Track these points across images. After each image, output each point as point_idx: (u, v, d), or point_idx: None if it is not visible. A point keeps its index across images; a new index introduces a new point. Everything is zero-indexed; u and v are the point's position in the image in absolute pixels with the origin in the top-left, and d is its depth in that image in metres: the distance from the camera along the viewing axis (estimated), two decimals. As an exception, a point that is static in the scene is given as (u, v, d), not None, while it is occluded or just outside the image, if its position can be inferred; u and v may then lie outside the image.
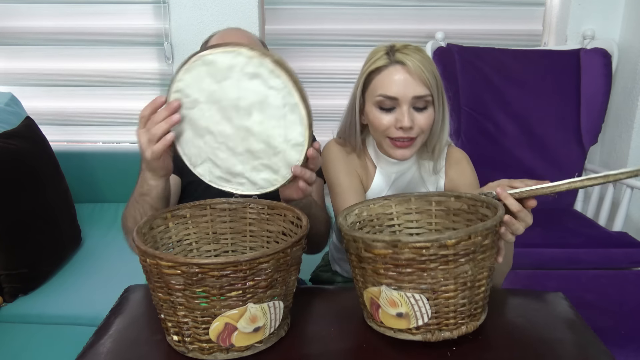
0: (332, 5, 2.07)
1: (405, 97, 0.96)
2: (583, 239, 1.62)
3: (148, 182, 0.90)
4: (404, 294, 0.74)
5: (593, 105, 1.90)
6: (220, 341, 0.73)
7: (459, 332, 0.77)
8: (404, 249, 0.71)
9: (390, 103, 0.97)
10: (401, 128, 0.97)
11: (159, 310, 0.76)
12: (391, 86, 0.96)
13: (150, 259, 0.70)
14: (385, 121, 0.99)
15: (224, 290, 0.69)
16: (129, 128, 2.17)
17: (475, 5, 2.08)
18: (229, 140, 0.83)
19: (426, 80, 0.95)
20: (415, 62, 0.95)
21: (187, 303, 0.71)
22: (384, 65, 0.97)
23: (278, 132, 0.82)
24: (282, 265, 0.73)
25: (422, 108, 0.98)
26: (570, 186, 0.80)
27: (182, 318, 0.72)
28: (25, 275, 1.46)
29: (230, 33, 1.15)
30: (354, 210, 0.92)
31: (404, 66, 0.96)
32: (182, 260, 0.68)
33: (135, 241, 0.73)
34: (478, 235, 0.73)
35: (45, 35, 2.06)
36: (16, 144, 1.56)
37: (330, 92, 2.13)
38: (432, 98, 0.97)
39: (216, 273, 0.68)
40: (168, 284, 0.70)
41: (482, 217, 0.87)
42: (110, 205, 2.00)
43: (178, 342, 0.76)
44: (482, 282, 0.77)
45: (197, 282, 0.68)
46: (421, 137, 1.01)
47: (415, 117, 0.97)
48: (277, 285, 0.74)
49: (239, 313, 0.71)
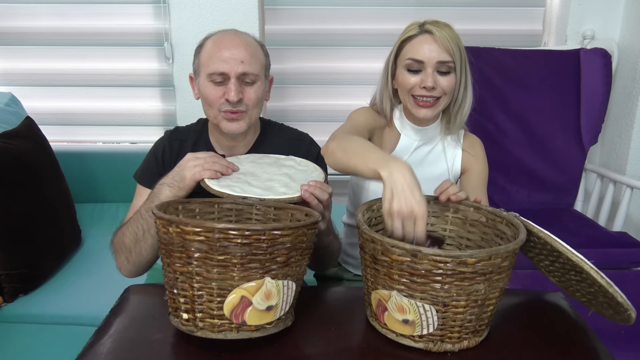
0: (332, 5, 2.07)
1: (430, 61, 1.08)
2: (583, 239, 1.62)
3: (161, 197, 0.98)
4: (414, 302, 0.74)
5: (593, 105, 1.90)
6: (234, 317, 0.74)
7: (461, 345, 0.77)
8: (423, 259, 0.71)
9: (417, 66, 1.10)
10: (424, 87, 1.09)
11: (171, 288, 0.77)
12: (419, 51, 1.09)
13: (174, 227, 0.72)
14: (412, 80, 1.11)
15: (244, 260, 0.71)
16: (129, 128, 2.18)
17: (475, 5, 2.08)
18: (256, 177, 1.02)
19: (450, 49, 1.08)
20: (442, 32, 1.08)
21: (205, 273, 0.72)
22: (415, 35, 1.11)
23: (301, 176, 1.02)
24: (299, 244, 0.76)
25: (445, 72, 1.09)
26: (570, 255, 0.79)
27: (197, 291, 0.73)
28: (25, 275, 1.46)
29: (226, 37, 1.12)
30: (373, 205, 0.92)
31: (432, 35, 1.09)
32: (207, 225, 0.69)
33: (156, 214, 0.76)
34: (498, 257, 0.72)
35: (45, 35, 2.06)
36: (16, 144, 1.56)
37: (330, 92, 2.14)
38: (454, 65, 1.09)
39: (239, 240, 0.69)
40: (188, 251, 0.71)
41: (499, 233, 0.87)
42: (110, 205, 2.00)
43: (187, 321, 0.76)
44: (492, 301, 0.77)
45: (220, 248, 0.70)
46: (443, 100, 1.12)
47: (439, 79, 1.09)
48: (292, 264, 0.76)
49: (256, 286, 0.73)
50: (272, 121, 1.28)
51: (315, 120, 2.17)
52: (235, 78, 1.08)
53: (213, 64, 1.08)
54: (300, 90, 2.16)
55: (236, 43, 1.10)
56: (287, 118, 2.17)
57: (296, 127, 1.28)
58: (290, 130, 1.27)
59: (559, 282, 0.95)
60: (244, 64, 1.08)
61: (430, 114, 1.12)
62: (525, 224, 0.83)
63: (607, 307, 0.86)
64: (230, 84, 1.08)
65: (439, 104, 1.12)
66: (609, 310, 0.87)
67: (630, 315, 0.81)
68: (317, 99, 2.16)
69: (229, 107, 1.09)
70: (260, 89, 1.12)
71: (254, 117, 1.14)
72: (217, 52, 1.08)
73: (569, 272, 0.87)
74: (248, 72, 1.09)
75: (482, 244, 0.91)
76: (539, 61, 1.92)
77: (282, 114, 2.17)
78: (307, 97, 2.17)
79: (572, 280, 0.89)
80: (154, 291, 0.95)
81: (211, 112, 1.12)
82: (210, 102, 1.10)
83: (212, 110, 1.12)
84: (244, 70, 1.08)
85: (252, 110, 1.12)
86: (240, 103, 1.09)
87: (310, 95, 2.17)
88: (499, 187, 1.89)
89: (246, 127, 1.13)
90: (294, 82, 2.14)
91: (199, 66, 1.12)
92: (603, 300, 0.84)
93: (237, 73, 1.08)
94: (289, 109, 2.18)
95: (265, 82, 1.16)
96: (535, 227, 0.82)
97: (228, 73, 1.07)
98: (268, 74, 1.18)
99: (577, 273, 0.84)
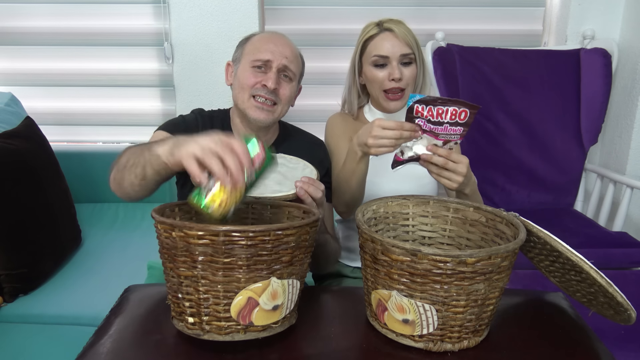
0: (332, 5, 2.07)
1: (394, 55, 1.20)
2: (583, 239, 1.62)
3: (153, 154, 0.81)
4: (414, 302, 0.74)
5: (593, 105, 1.90)
6: (241, 318, 0.73)
7: (461, 345, 0.77)
8: (423, 259, 0.71)
9: (382, 61, 1.22)
10: (393, 80, 1.20)
11: (175, 292, 0.76)
12: (383, 48, 1.22)
13: (177, 231, 0.71)
14: (380, 75, 1.22)
15: (250, 261, 0.70)
16: (129, 128, 2.18)
17: (475, 5, 2.08)
18: None
19: (409, 42, 1.21)
20: (400, 28, 1.22)
21: (210, 276, 0.71)
22: (376, 33, 1.24)
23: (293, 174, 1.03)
24: (302, 242, 0.75)
25: (407, 63, 1.22)
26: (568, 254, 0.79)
27: (202, 294, 0.73)
28: (25, 275, 1.46)
29: (275, 35, 1.19)
30: (372, 206, 0.92)
31: (392, 32, 1.22)
32: (211, 228, 0.68)
33: (157, 218, 0.74)
34: (498, 257, 0.72)
35: (45, 35, 2.06)
36: (16, 144, 1.56)
37: (330, 92, 2.13)
38: (414, 56, 1.22)
39: (244, 242, 0.69)
40: (193, 255, 0.71)
41: (499, 234, 0.87)
42: (110, 205, 2.00)
43: (193, 325, 0.76)
44: (492, 301, 0.77)
45: (225, 251, 0.69)
46: (408, 89, 1.23)
47: (403, 70, 1.21)
48: (297, 263, 0.76)
49: (262, 287, 0.73)
50: (288, 123, 1.30)
51: (315, 120, 2.16)
52: (277, 69, 1.14)
53: (259, 53, 1.14)
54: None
55: (284, 42, 1.17)
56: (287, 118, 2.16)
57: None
58: (307, 134, 1.31)
59: (559, 282, 0.95)
60: (288, 59, 1.15)
61: (400, 105, 1.23)
62: (525, 224, 0.83)
63: (607, 307, 0.86)
64: (271, 73, 1.13)
65: (406, 94, 1.22)
66: (609, 310, 0.87)
67: (630, 315, 0.81)
68: (317, 99, 2.16)
69: (264, 93, 1.13)
70: (294, 88, 1.19)
71: (281, 113, 1.19)
72: (265, 44, 1.15)
73: (569, 272, 0.87)
74: (290, 67, 1.15)
75: (482, 244, 0.91)
76: (539, 61, 1.92)
77: (282, 114, 2.17)
78: (307, 97, 2.15)
79: (572, 281, 0.89)
80: (154, 291, 0.95)
81: (243, 96, 1.15)
82: (246, 85, 1.13)
83: (244, 94, 1.14)
84: (287, 63, 1.15)
85: (282, 106, 1.17)
86: (274, 93, 1.14)
87: (310, 95, 2.16)
88: (499, 187, 1.89)
89: (272, 120, 1.17)
90: (294, 82, 2.14)
91: (242, 54, 1.17)
92: (603, 300, 0.84)
93: (279, 64, 1.14)
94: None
95: (297, 86, 1.22)
96: (535, 227, 0.82)
97: (272, 61, 1.13)
98: (301, 81, 1.25)
99: (577, 273, 0.84)
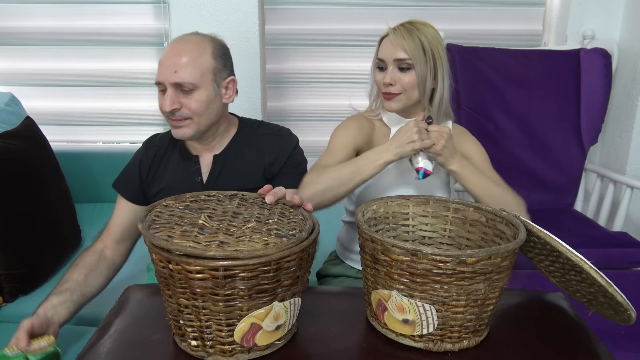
0: (332, 5, 2.07)
1: (389, 59, 1.18)
2: (583, 239, 1.62)
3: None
4: (414, 302, 0.74)
5: (593, 105, 1.90)
6: (244, 342, 0.73)
7: (461, 345, 0.77)
8: (423, 259, 0.71)
9: (381, 64, 1.21)
10: (384, 84, 1.19)
11: (176, 317, 0.75)
12: (382, 51, 1.21)
13: (174, 264, 0.68)
14: (378, 77, 1.22)
15: (252, 291, 0.69)
16: (129, 128, 2.18)
17: (475, 5, 2.08)
18: None
19: (404, 48, 1.16)
20: (398, 33, 1.17)
21: (212, 307, 0.70)
22: (385, 36, 1.22)
23: None
24: (303, 263, 0.74)
25: (405, 69, 1.18)
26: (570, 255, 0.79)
27: (204, 322, 0.72)
28: (25, 275, 1.46)
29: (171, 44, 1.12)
30: (372, 206, 0.92)
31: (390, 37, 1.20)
32: (210, 264, 0.65)
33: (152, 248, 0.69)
34: (498, 257, 0.73)
35: (45, 35, 2.06)
36: (16, 144, 1.56)
37: (330, 92, 2.14)
38: (412, 62, 1.16)
39: (244, 274, 0.67)
40: (192, 288, 0.69)
41: (499, 234, 0.87)
42: (110, 205, 1.96)
43: (196, 347, 0.75)
44: (492, 300, 0.77)
45: (226, 285, 0.67)
46: (404, 94, 1.19)
47: (399, 76, 1.18)
48: (299, 282, 0.75)
49: (265, 312, 0.72)
50: (251, 119, 1.27)
51: (314, 120, 2.17)
52: (172, 87, 1.08)
53: (158, 74, 1.10)
54: (299, 91, 2.16)
55: (175, 51, 1.09)
56: (287, 118, 2.17)
57: (296, 127, 1.28)
58: (269, 126, 1.25)
59: (559, 282, 0.95)
60: (177, 74, 1.07)
61: (394, 105, 1.21)
62: (525, 224, 0.83)
63: (607, 307, 0.86)
64: (166, 95, 1.08)
65: (400, 98, 1.20)
66: (609, 310, 0.87)
67: (630, 315, 0.81)
68: (316, 99, 2.16)
69: (169, 115, 1.10)
70: (202, 95, 1.09)
71: (204, 124, 1.12)
72: (162, 61, 1.10)
73: (569, 272, 0.87)
74: (181, 81, 1.07)
75: (482, 244, 0.91)
76: (539, 61, 1.92)
77: (281, 114, 2.17)
78: (307, 97, 2.17)
79: (572, 281, 0.89)
80: (154, 291, 0.95)
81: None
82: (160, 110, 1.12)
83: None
84: (176, 80, 1.07)
85: (198, 117, 1.10)
86: (180, 112, 1.09)
87: (310, 95, 2.16)
88: (499, 187, 1.89)
89: (193, 133, 1.12)
90: (293, 82, 2.14)
91: None
92: (603, 300, 0.84)
93: (170, 82, 1.07)
94: (288, 109, 2.18)
95: (215, 86, 1.11)
96: (535, 227, 0.82)
97: (164, 82, 1.08)
98: (222, 76, 1.13)
99: (577, 273, 0.84)
